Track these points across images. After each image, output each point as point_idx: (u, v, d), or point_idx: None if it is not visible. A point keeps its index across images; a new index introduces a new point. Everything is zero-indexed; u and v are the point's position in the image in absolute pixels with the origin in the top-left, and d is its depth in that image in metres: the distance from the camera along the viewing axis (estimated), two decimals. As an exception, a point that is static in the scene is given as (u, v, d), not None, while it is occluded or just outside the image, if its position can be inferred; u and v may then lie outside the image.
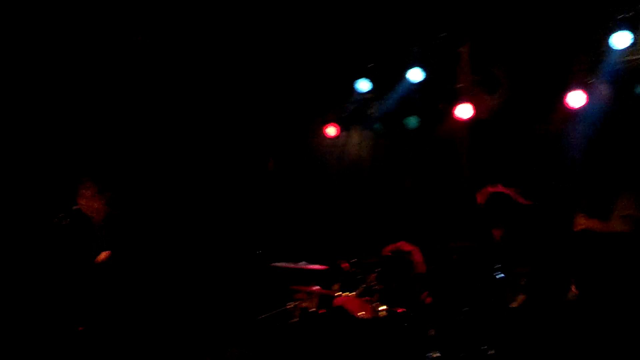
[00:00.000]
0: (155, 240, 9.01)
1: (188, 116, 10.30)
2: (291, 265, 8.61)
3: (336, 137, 10.44)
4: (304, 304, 8.48)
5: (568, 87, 8.20)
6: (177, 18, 9.38)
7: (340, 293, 8.26)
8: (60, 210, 8.03)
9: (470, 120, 9.07)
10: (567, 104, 8.21)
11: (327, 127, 10.38)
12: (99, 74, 9.65)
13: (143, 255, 8.58)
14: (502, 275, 7.10)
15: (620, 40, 7.73)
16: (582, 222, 6.62)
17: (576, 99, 8.17)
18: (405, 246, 8.36)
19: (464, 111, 9.03)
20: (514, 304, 6.94)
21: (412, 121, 9.65)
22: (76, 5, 8.91)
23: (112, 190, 8.47)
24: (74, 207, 8.06)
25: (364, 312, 7.72)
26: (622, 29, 7.68)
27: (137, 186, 9.58)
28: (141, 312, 8.68)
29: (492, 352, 6.79)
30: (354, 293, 8.13)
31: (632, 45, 7.73)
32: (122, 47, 9.55)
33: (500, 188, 7.75)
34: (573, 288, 6.69)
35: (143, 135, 10.10)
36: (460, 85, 9.23)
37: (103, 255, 8.15)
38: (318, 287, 8.42)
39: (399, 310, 7.68)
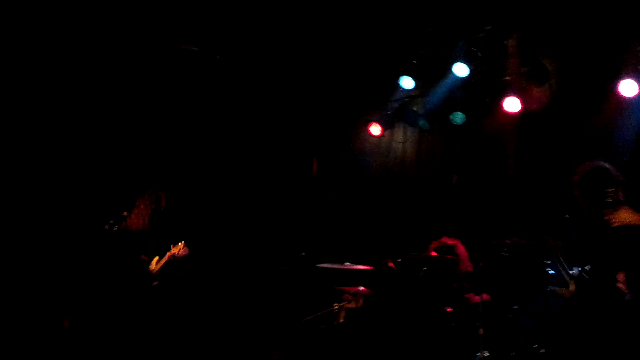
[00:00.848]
0: (201, 243, 8.90)
1: (231, 119, 10.28)
2: (336, 265, 8.46)
3: (380, 136, 10.25)
4: (349, 305, 8.32)
5: (620, 76, 7.87)
6: (224, 25, 9.40)
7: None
8: (110, 218, 8.13)
9: (519, 113, 8.80)
10: (620, 93, 7.89)
11: (370, 126, 10.19)
12: (150, 86, 9.79)
13: (192, 259, 8.57)
14: (553, 272, 6.82)
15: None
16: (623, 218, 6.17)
17: (629, 87, 7.84)
18: (448, 240, 8.17)
19: (513, 105, 8.76)
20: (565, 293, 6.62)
21: (458, 117, 9.40)
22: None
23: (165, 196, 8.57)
24: (124, 214, 8.17)
25: None
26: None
27: (183, 190, 9.61)
28: (187, 314, 8.67)
29: (543, 350, 6.54)
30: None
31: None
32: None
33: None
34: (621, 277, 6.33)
35: (186, 140, 10.13)
36: (508, 78, 8.98)
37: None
38: (363, 288, 8.24)
39: (448, 310, 7.50)
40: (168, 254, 8.30)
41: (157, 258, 8.40)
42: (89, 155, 9.57)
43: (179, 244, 8.31)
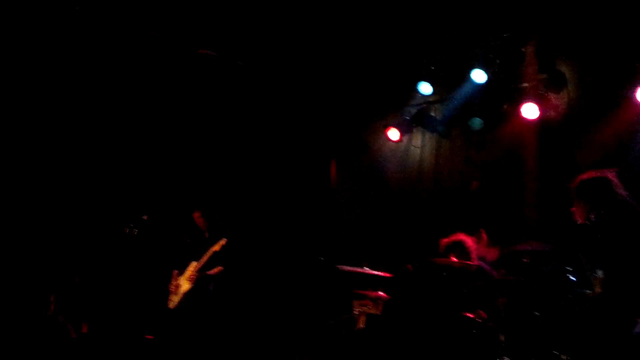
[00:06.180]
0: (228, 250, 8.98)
1: (249, 125, 10.38)
2: (356, 269, 8.53)
3: (398, 141, 10.30)
4: (369, 310, 8.38)
5: (638, 83, 7.89)
6: (242, 31, 9.50)
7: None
8: (130, 221, 8.27)
9: (537, 120, 8.85)
10: (637, 100, 7.91)
11: (388, 131, 10.26)
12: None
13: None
14: (574, 278, 6.87)
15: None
16: None
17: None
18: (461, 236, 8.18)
19: (531, 111, 8.82)
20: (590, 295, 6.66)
21: (476, 123, 9.44)
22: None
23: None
24: (144, 218, 8.33)
25: None
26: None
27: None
28: (213, 318, 8.77)
29: (565, 357, 6.59)
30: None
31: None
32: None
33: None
34: None
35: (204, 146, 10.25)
36: (526, 84, 9.04)
37: (217, 269, 8.61)
38: (383, 293, 8.30)
39: (469, 315, 7.54)
40: (209, 251, 8.46)
41: (194, 263, 8.54)
42: (112, 160, 9.72)
43: (221, 240, 8.45)
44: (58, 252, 9.31)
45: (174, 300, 8.69)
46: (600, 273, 6.39)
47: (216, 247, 8.50)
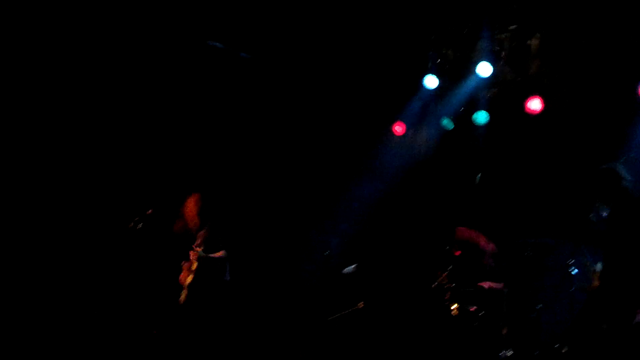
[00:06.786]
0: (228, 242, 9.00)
1: (258, 117, 10.38)
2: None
3: (403, 135, 10.27)
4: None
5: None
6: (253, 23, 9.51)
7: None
8: (135, 215, 8.28)
9: (542, 113, 8.83)
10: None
11: (394, 125, 10.23)
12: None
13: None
14: (577, 270, 6.87)
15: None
16: None
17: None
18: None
19: (535, 104, 8.81)
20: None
21: (481, 117, 9.42)
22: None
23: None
24: (149, 212, 8.33)
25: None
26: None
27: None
28: (218, 313, 8.78)
29: (566, 349, 6.59)
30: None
31: None
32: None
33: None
34: None
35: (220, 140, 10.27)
36: (531, 78, 9.02)
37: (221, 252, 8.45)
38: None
39: (471, 309, 7.54)
40: (198, 237, 8.46)
41: (191, 253, 8.54)
42: (119, 154, 9.74)
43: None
44: (63, 250, 9.32)
45: (184, 293, 8.68)
46: (599, 266, 6.38)
47: (204, 233, 8.49)
